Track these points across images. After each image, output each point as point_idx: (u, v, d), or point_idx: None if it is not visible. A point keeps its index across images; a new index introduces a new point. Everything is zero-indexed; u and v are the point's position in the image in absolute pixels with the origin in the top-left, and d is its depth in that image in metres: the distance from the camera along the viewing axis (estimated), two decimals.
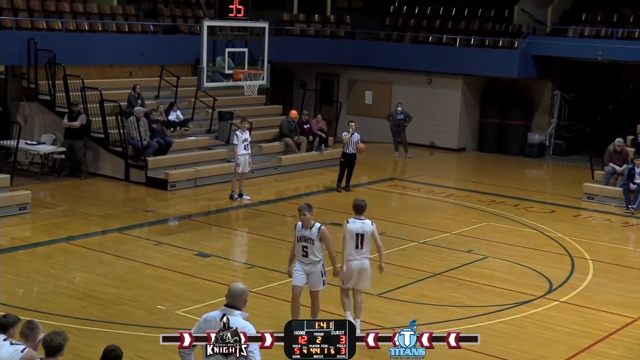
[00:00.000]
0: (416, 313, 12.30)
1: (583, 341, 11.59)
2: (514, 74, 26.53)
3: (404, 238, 16.50)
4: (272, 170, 22.67)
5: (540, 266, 14.94)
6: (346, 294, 11.30)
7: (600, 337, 11.80)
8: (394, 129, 26.18)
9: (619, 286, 14.24)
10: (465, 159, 27.36)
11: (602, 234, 18.12)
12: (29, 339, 6.93)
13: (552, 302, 13.16)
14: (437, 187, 21.89)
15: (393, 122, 26.17)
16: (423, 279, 14.11)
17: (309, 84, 28.41)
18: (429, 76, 27.94)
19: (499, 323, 12.15)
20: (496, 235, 17.20)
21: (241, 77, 20.12)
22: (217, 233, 16.71)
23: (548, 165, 26.84)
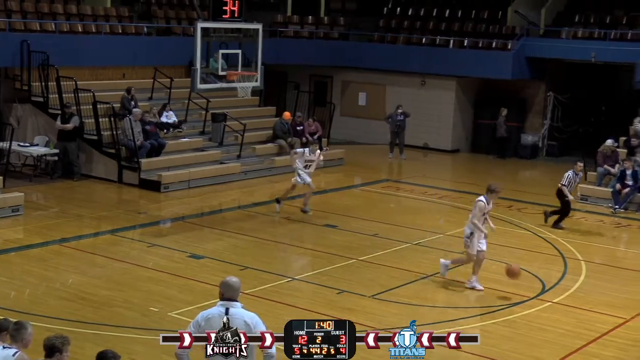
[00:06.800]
0: (411, 314, 12.33)
1: (575, 342, 11.62)
2: (507, 75, 26.56)
3: (398, 239, 16.52)
4: (265, 171, 22.66)
5: (533, 267, 14.97)
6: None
7: (592, 337, 11.83)
8: (395, 130, 26.21)
9: (611, 287, 14.28)
10: (459, 160, 27.39)
11: (594, 235, 18.15)
12: (16, 339, 6.94)
13: (545, 303, 13.19)
14: (431, 189, 21.91)
15: (393, 124, 26.19)
16: (417, 280, 14.13)
17: (303, 86, 28.41)
18: (423, 78, 27.96)
19: (492, 324, 12.18)
20: (489, 236, 17.17)
21: (235, 79, 20.13)
22: (210, 235, 16.71)
23: (541, 167, 26.88)
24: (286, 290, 13.33)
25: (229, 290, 7.11)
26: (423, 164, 26.22)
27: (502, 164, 26.57)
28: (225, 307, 7.05)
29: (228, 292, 7.11)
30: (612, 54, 25.36)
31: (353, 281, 13.82)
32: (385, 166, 25.70)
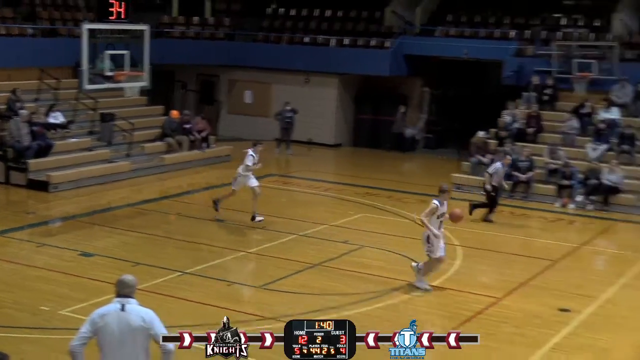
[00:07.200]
0: (298, 303, 12.30)
1: (454, 322, 11.80)
2: (385, 72, 26.89)
3: (284, 231, 16.47)
4: (155, 169, 22.25)
5: (413, 253, 15.13)
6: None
7: (467, 317, 12.05)
8: (284, 126, 26.21)
9: (485, 269, 14.63)
10: (342, 154, 27.58)
11: (468, 221, 18.51)
12: None
13: None
14: (316, 182, 21.97)
15: (283, 121, 26.20)
16: (303, 270, 14.11)
17: (190, 85, 28.09)
18: (307, 76, 28.02)
19: (376, 309, 12.26)
20: (371, 225, 17.39)
21: (122, 79, 19.73)
22: (101, 232, 16.26)
23: (419, 158, 27.33)
24: (177, 284, 13.08)
25: (124, 288, 6.97)
26: (308, 159, 26.26)
27: (381, 156, 26.87)
28: (121, 303, 6.90)
29: (123, 289, 6.97)
30: (482, 51, 26.00)
31: (243, 273, 13.70)
32: (273, 161, 25.61)
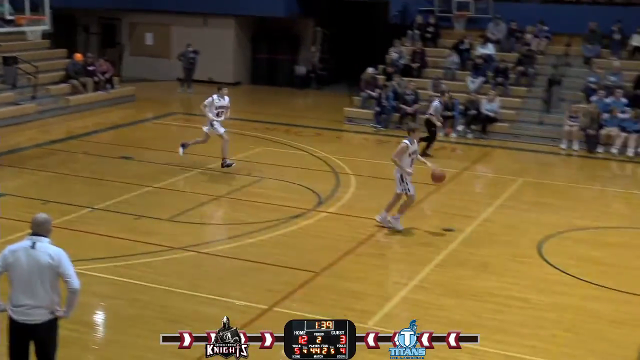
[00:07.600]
0: (203, 233, 12.62)
1: (349, 245, 12.33)
2: (280, 13, 26.98)
3: (188, 167, 16.65)
4: (60, 111, 21.96)
5: (310, 183, 15.62)
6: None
7: (362, 239, 12.62)
8: (187, 67, 26.14)
9: (377, 194, 15.14)
10: (241, 91, 27.66)
11: (360, 152, 19.11)
12: None
13: (322, 214, 13.85)
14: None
15: (186, 61, 26.09)
16: (208, 202, 14.41)
17: (92, 28, 27.52)
18: (205, 18, 27.86)
19: (276, 235, 12.67)
20: (270, 158, 17.74)
21: (23, 23, 19.22)
22: (10, 173, 16.05)
23: (313, 95, 27.71)
24: (88, 219, 13.18)
25: (37, 226, 7.11)
26: (209, 97, 26.19)
27: (278, 93, 27.13)
28: (33, 241, 7.02)
29: (36, 228, 7.11)
30: None
31: (150, 207, 13.89)
32: (175, 100, 25.57)
